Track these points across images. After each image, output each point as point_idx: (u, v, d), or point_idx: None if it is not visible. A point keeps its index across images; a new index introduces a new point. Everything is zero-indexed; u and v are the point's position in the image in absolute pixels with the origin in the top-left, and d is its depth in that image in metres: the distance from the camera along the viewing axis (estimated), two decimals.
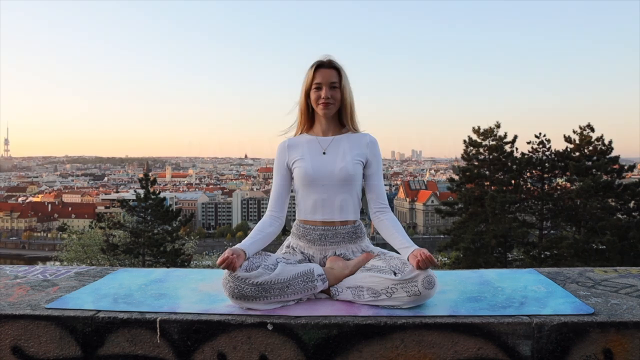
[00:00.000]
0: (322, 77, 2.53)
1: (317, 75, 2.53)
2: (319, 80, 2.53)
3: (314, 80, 2.53)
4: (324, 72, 2.54)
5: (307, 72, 2.57)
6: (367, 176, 2.61)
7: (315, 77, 2.53)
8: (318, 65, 2.55)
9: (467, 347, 2.06)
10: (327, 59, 2.56)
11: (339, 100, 2.56)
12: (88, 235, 26.67)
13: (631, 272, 2.80)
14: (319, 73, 2.54)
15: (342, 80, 2.56)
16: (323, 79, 2.53)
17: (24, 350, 2.17)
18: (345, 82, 2.57)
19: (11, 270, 2.98)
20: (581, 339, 2.04)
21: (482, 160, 25.13)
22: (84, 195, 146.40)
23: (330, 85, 2.53)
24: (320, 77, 2.53)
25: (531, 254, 23.16)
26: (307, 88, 2.56)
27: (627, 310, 2.17)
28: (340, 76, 2.56)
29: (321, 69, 2.54)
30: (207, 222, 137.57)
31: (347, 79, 2.58)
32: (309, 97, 2.57)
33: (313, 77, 2.54)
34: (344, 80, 2.56)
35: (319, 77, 2.53)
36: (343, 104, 2.58)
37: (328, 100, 2.53)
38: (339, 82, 2.55)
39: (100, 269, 3.02)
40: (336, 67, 2.56)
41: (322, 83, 2.53)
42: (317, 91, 2.53)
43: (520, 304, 2.27)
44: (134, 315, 2.18)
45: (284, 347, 2.09)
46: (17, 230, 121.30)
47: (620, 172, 23.20)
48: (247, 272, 2.23)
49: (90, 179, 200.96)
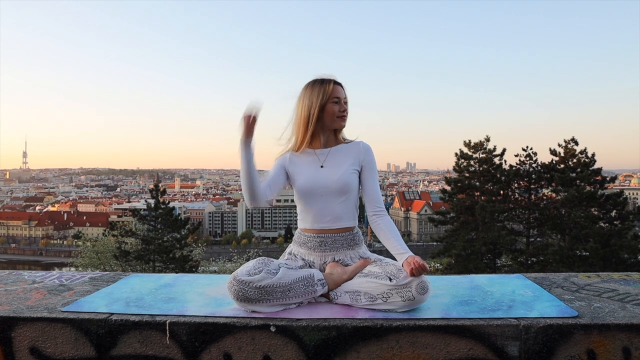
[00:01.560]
0: (339, 92, 2.55)
1: (335, 91, 2.54)
2: (337, 95, 2.54)
3: (332, 95, 2.53)
4: (339, 88, 2.56)
5: (323, 87, 2.54)
6: (362, 181, 2.61)
7: (334, 91, 2.54)
8: (335, 82, 2.56)
9: (458, 348, 2.06)
10: (333, 77, 2.58)
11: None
12: (101, 242, 26.58)
13: (613, 277, 2.80)
14: (337, 88, 2.55)
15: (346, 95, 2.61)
16: (340, 94, 2.55)
17: (41, 351, 2.17)
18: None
19: (29, 275, 2.98)
20: (566, 340, 2.04)
21: (473, 172, 25.13)
22: (98, 205, 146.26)
23: (344, 101, 2.57)
24: (338, 92, 2.55)
25: (519, 260, 23.15)
26: (324, 102, 2.52)
27: (609, 313, 2.17)
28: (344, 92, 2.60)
29: (337, 85, 2.56)
30: (213, 230, 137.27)
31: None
32: (322, 110, 2.55)
33: (332, 91, 2.54)
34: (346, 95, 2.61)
35: (338, 92, 2.55)
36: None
37: (345, 114, 2.57)
38: (345, 97, 2.59)
39: (113, 275, 3.01)
40: (340, 83, 2.59)
41: (340, 98, 2.55)
42: (335, 105, 2.53)
43: (509, 307, 2.26)
44: (144, 318, 2.18)
45: (286, 347, 2.09)
46: (35, 237, 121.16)
47: (603, 183, 23.21)
48: (250, 277, 2.23)
49: (103, 190, 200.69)
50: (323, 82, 2.56)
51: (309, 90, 2.56)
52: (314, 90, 2.55)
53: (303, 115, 2.57)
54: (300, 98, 2.59)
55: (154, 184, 25.95)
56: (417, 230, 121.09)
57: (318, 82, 2.57)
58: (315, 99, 2.53)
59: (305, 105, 2.56)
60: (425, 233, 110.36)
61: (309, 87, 2.57)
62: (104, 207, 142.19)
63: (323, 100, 2.52)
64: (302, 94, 2.59)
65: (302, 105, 2.57)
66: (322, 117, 2.55)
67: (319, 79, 2.58)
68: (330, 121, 2.57)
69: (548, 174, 23.77)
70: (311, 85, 2.57)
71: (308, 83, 2.60)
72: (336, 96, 2.54)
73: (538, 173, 24.18)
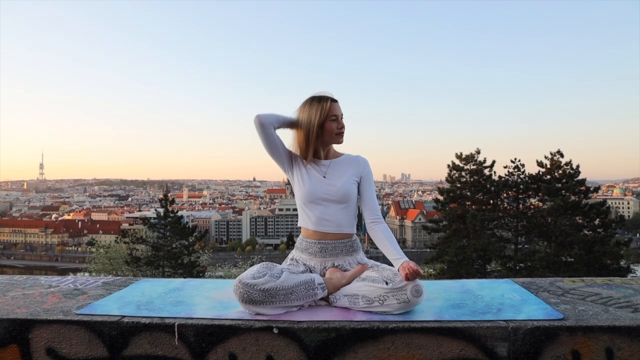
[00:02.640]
0: (336, 110, 2.55)
1: (333, 109, 2.54)
2: (335, 113, 2.54)
3: (330, 113, 2.53)
4: (337, 106, 2.56)
5: (320, 105, 2.52)
6: (361, 191, 2.61)
7: (332, 109, 2.53)
8: (332, 100, 2.56)
9: (450, 349, 2.05)
10: (330, 94, 2.58)
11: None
12: (114, 249, 26.50)
13: (596, 281, 2.80)
14: (335, 106, 2.55)
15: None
16: (338, 111, 2.55)
17: (57, 352, 2.16)
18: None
19: (46, 280, 2.97)
20: (552, 341, 2.04)
21: (464, 182, 25.10)
22: (110, 213, 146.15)
23: (341, 117, 2.57)
24: (336, 110, 2.54)
25: (507, 266, 23.07)
26: (322, 120, 2.51)
27: (592, 315, 2.17)
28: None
29: (334, 103, 2.55)
30: (219, 237, 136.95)
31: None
32: (321, 128, 2.53)
33: (329, 110, 2.53)
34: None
35: (336, 110, 2.54)
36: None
37: (343, 130, 2.57)
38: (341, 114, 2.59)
39: (125, 279, 3.01)
40: (336, 100, 2.59)
41: (338, 115, 2.55)
42: (333, 122, 2.53)
43: (498, 310, 2.26)
44: (154, 320, 2.18)
45: (288, 348, 2.09)
46: (51, 244, 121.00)
47: (587, 193, 23.17)
48: (254, 280, 2.24)
49: (115, 199, 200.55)
50: (320, 100, 2.54)
51: (307, 108, 2.54)
52: (312, 108, 2.53)
53: (303, 134, 2.55)
54: (299, 117, 2.57)
55: (163, 194, 25.91)
56: (411, 237, 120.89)
57: (316, 100, 2.55)
58: (314, 118, 2.51)
59: (304, 123, 2.54)
60: (419, 240, 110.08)
61: (307, 106, 2.55)
62: (116, 215, 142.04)
63: (321, 118, 2.51)
64: (300, 113, 2.57)
65: (300, 124, 2.56)
66: (321, 134, 2.54)
67: (317, 96, 2.57)
68: (330, 138, 2.57)
69: (535, 185, 23.74)
70: (309, 104, 2.55)
71: (305, 101, 2.58)
72: (334, 114, 2.53)
73: (526, 183, 24.15)
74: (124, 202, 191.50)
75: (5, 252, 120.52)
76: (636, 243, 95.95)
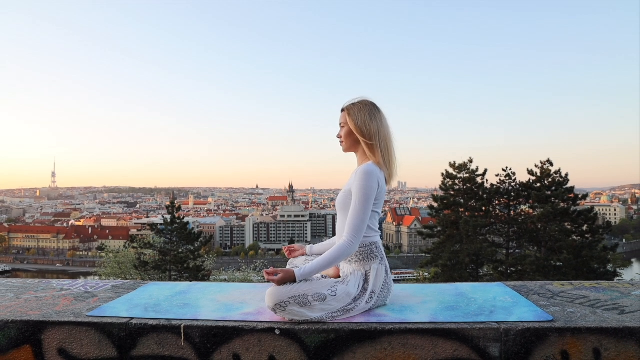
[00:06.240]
0: (340, 118, 2.52)
1: (340, 117, 2.52)
2: (340, 121, 2.52)
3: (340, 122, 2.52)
4: (341, 114, 2.51)
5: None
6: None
7: (340, 118, 2.52)
8: (342, 109, 2.51)
9: (445, 349, 2.05)
10: (349, 102, 2.51)
11: (346, 137, 2.49)
12: (123, 254, 26.47)
13: (584, 285, 2.80)
14: (340, 115, 2.51)
15: (348, 119, 2.46)
16: (340, 119, 2.52)
17: (68, 352, 2.16)
18: (354, 119, 2.43)
19: (57, 283, 2.97)
20: (542, 342, 2.04)
21: (458, 190, 25.09)
22: (119, 220, 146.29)
23: (340, 126, 2.52)
24: (340, 118, 2.52)
25: (499, 270, 23.01)
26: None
27: (580, 317, 2.16)
28: (346, 116, 2.47)
29: (341, 112, 2.51)
30: (224, 242, 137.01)
31: (359, 116, 2.42)
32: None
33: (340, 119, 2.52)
34: (350, 117, 2.45)
35: (340, 118, 2.52)
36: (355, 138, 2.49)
37: (339, 139, 2.53)
38: (345, 122, 2.48)
39: (133, 283, 3.01)
40: (343, 109, 2.51)
41: (340, 124, 2.52)
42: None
43: (490, 312, 2.26)
44: (162, 322, 2.18)
45: (290, 349, 2.09)
46: (63, 249, 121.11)
47: (575, 200, 23.16)
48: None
49: (124, 206, 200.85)
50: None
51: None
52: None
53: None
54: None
55: (170, 201, 25.88)
56: (407, 242, 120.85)
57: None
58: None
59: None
60: (415, 245, 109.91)
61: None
62: (125, 222, 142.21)
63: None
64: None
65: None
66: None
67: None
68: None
69: (526, 192, 23.74)
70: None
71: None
72: (339, 123, 2.53)
73: (517, 191, 24.16)
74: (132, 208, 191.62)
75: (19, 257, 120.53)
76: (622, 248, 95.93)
